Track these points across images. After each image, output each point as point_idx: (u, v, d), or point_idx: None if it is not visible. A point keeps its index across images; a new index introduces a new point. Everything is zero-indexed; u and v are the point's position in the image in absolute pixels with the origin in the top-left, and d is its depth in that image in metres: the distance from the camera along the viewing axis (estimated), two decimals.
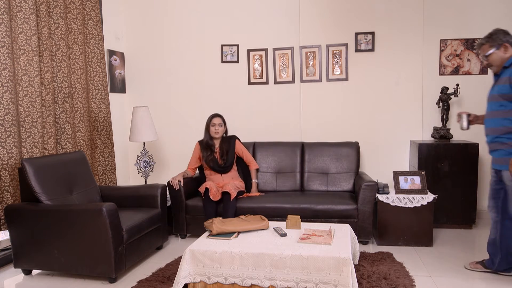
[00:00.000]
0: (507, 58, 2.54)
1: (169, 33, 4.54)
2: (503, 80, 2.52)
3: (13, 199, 3.06)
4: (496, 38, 2.56)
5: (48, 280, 2.88)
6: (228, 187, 3.46)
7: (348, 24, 4.18)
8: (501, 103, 2.52)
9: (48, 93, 3.40)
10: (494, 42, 2.57)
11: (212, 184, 3.54)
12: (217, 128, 3.74)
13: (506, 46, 2.54)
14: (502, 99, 2.51)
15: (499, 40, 2.55)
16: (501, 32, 2.57)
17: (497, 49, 2.56)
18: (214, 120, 3.75)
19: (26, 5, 3.16)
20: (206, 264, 2.36)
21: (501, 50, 2.55)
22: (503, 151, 2.52)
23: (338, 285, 2.17)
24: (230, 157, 3.75)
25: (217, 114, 3.80)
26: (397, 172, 3.50)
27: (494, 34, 2.58)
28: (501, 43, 2.55)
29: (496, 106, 2.57)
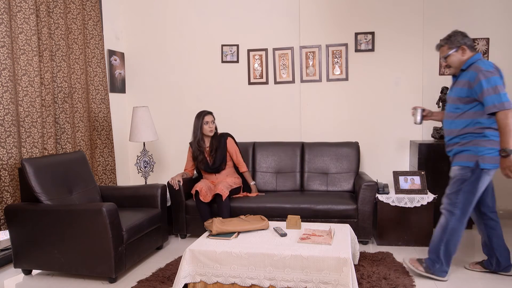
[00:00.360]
0: (464, 60, 2.59)
1: (169, 33, 4.54)
2: (461, 83, 2.58)
3: (13, 199, 3.06)
4: (454, 40, 2.61)
5: (48, 280, 2.88)
6: (219, 188, 3.42)
7: (348, 24, 4.18)
8: (457, 106, 2.59)
9: (48, 93, 3.40)
10: (452, 44, 2.61)
11: (203, 184, 3.50)
12: (211, 125, 3.65)
13: (464, 48, 2.58)
14: (459, 102, 2.58)
15: (457, 42, 2.59)
16: (459, 34, 2.62)
17: (455, 51, 2.60)
18: (207, 117, 3.65)
19: (26, 5, 3.16)
20: (206, 264, 2.36)
21: (459, 52, 2.60)
22: (456, 149, 2.63)
23: (338, 285, 2.17)
24: (219, 156, 3.67)
25: (208, 112, 3.70)
26: (397, 172, 3.50)
27: (453, 36, 2.63)
28: (459, 45, 2.59)
29: (452, 108, 2.63)
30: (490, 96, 2.39)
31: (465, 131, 2.56)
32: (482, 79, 2.42)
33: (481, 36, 4.01)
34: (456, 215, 2.59)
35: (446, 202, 2.65)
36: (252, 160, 4.09)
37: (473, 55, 2.58)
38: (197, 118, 3.70)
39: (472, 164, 2.52)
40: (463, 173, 2.57)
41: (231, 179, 3.67)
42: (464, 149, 2.57)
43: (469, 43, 2.60)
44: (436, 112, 2.94)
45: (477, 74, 2.45)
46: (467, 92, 2.51)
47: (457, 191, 2.59)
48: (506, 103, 2.36)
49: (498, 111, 2.37)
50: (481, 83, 2.42)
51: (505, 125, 2.35)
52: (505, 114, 2.35)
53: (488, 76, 2.41)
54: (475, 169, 2.52)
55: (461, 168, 2.58)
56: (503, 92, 2.39)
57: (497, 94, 2.38)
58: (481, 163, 2.50)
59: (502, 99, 2.36)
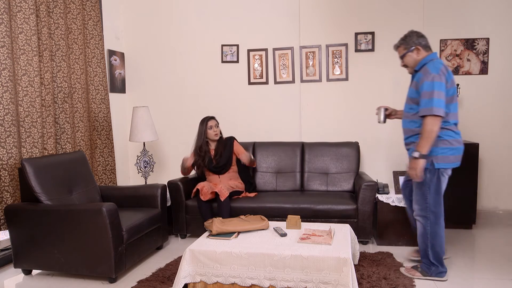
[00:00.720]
0: (419, 60, 2.63)
1: (169, 33, 4.54)
2: (413, 83, 2.63)
3: (13, 199, 3.06)
4: (409, 41, 2.65)
5: (48, 280, 2.88)
6: (219, 188, 3.43)
7: (348, 24, 4.18)
8: (411, 106, 2.64)
9: (47, 93, 3.39)
10: (408, 44, 2.66)
11: (205, 184, 3.51)
12: (215, 129, 3.72)
13: (419, 48, 2.62)
14: (411, 102, 2.63)
15: (412, 43, 2.64)
16: (414, 34, 2.66)
17: (410, 52, 2.65)
18: (210, 122, 3.71)
19: (26, 5, 3.16)
20: (206, 264, 2.36)
21: (414, 53, 2.64)
22: (411, 150, 2.63)
23: (338, 285, 2.17)
24: (224, 158, 3.71)
25: (211, 117, 3.77)
26: (397, 172, 3.50)
27: (408, 36, 2.67)
28: (413, 45, 2.63)
29: (407, 108, 2.68)
30: (424, 100, 2.45)
31: (418, 131, 2.59)
32: (424, 81, 2.48)
33: (481, 36, 4.01)
34: (431, 219, 2.61)
35: (417, 209, 2.67)
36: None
37: (427, 55, 2.62)
38: (201, 124, 3.75)
39: (428, 165, 2.55)
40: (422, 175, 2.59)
41: (233, 182, 3.69)
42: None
43: (424, 43, 2.64)
44: (400, 111, 2.95)
45: (422, 76, 2.51)
46: (416, 93, 2.56)
47: (423, 195, 2.61)
48: (435, 108, 2.40)
49: (426, 115, 2.43)
50: (422, 86, 2.48)
51: (427, 130, 2.42)
52: (431, 121, 2.41)
53: (430, 80, 2.45)
54: (432, 170, 2.56)
55: None
56: (437, 98, 2.41)
57: (430, 99, 2.42)
58: (435, 163, 2.54)
59: (433, 105, 2.40)
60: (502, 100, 4.04)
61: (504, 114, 4.05)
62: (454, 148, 2.55)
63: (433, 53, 2.64)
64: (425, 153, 2.46)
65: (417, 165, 2.48)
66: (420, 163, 2.47)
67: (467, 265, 2.94)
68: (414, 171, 2.51)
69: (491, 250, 3.28)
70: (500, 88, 4.03)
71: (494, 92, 4.04)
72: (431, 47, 2.68)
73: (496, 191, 4.13)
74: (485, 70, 4.03)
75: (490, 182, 4.11)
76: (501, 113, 4.05)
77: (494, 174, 4.10)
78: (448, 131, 2.53)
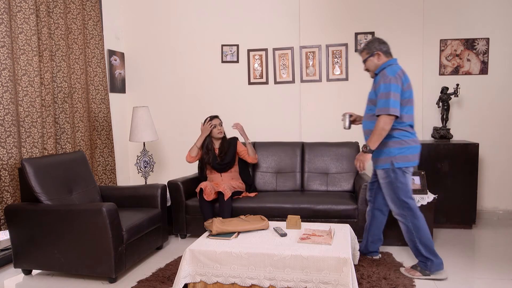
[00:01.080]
0: (379, 65, 2.77)
1: (169, 33, 4.54)
2: (373, 86, 2.78)
3: (13, 199, 3.06)
4: (371, 47, 2.79)
5: (48, 280, 2.88)
6: (222, 187, 3.46)
7: (348, 24, 4.18)
8: (370, 107, 2.79)
9: (47, 93, 3.39)
10: (370, 50, 2.79)
11: (207, 184, 3.53)
12: (219, 128, 3.74)
13: (379, 54, 2.76)
14: (371, 104, 2.78)
15: (374, 48, 2.77)
16: (376, 41, 2.80)
17: (371, 56, 2.78)
18: (213, 121, 3.74)
19: (26, 5, 3.16)
20: (206, 264, 2.36)
21: (375, 57, 2.77)
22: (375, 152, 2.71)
23: (338, 285, 2.17)
24: (229, 156, 3.74)
25: (214, 116, 3.79)
26: None
27: (370, 42, 2.81)
28: (375, 51, 2.76)
29: (367, 109, 2.83)
30: (381, 100, 2.59)
31: None
32: (381, 83, 2.62)
33: (481, 36, 4.01)
34: (408, 215, 2.70)
35: (394, 208, 2.77)
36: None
37: (387, 60, 2.76)
38: (205, 122, 3.77)
39: (388, 166, 2.69)
40: (386, 176, 2.72)
41: (235, 182, 3.70)
42: (379, 151, 2.72)
43: (385, 49, 2.77)
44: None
45: (379, 79, 2.67)
46: (375, 94, 2.71)
47: (394, 194, 2.72)
48: (391, 109, 2.54)
49: (380, 114, 2.57)
50: (380, 87, 2.62)
51: (379, 128, 2.56)
52: (384, 120, 2.55)
53: (387, 82, 2.59)
54: (393, 169, 2.68)
55: (384, 171, 2.73)
56: (393, 99, 2.55)
57: (387, 100, 2.55)
58: (395, 163, 2.67)
59: (388, 105, 2.54)
60: (502, 100, 4.04)
61: (504, 114, 4.05)
62: (412, 147, 2.68)
63: (393, 59, 2.78)
64: (373, 148, 2.62)
65: (364, 157, 2.66)
66: (367, 157, 2.66)
67: (467, 265, 2.94)
68: (361, 163, 2.68)
69: (491, 250, 3.28)
70: (500, 88, 4.03)
71: (494, 92, 4.04)
72: (391, 54, 2.83)
73: (496, 191, 4.13)
74: (485, 70, 4.03)
75: (490, 182, 4.11)
76: (501, 113, 4.05)
77: (494, 174, 4.10)
78: (403, 132, 2.67)
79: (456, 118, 4.10)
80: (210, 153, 3.74)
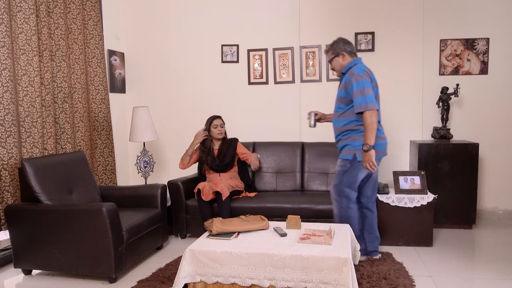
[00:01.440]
0: (344, 64, 2.88)
1: (169, 33, 4.54)
2: (341, 85, 2.86)
3: (13, 199, 3.06)
4: (336, 47, 2.89)
5: (48, 280, 2.88)
6: (220, 187, 3.45)
7: (348, 24, 4.18)
8: (339, 106, 2.89)
9: (48, 93, 3.40)
10: (335, 50, 2.89)
11: (205, 184, 3.53)
12: (220, 129, 3.75)
13: (344, 54, 2.86)
14: (340, 102, 2.88)
15: (338, 49, 2.88)
16: (341, 41, 2.90)
17: (336, 56, 2.88)
18: (215, 121, 3.75)
19: (26, 5, 3.16)
20: (206, 264, 2.36)
21: (340, 58, 2.88)
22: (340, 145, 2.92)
23: (338, 285, 2.17)
24: (228, 157, 3.75)
25: (217, 116, 3.80)
26: (397, 172, 3.50)
27: (335, 42, 2.91)
28: (339, 51, 2.87)
29: (336, 107, 2.93)
30: (358, 98, 2.69)
31: (345, 128, 2.86)
32: (353, 81, 2.71)
33: (481, 36, 4.01)
34: (343, 203, 2.88)
35: (333, 192, 2.94)
36: None
37: (352, 60, 2.87)
38: (207, 122, 3.80)
39: (350, 157, 2.81)
40: (343, 165, 2.86)
41: (233, 182, 3.71)
42: (345, 143, 2.86)
43: (349, 50, 2.87)
44: (329, 114, 3.17)
45: (350, 78, 2.75)
46: (345, 93, 2.81)
47: (340, 181, 2.88)
48: (370, 104, 2.65)
49: (364, 111, 2.67)
50: (352, 86, 2.71)
51: (368, 123, 2.65)
52: (369, 114, 2.65)
53: (358, 79, 2.70)
54: (353, 161, 2.81)
55: (342, 160, 2.87)
56: (368, 94, 2.67)
57: (364, 96, 2.66)
58: (357, 156, 2.79)
59: (367, 101, 2.65)
60: (502, 100, 4.04)
61: (504, 114, 4.05)
62: (376, 143, 2.76)
63: (358, 58, 2.89)
64: (372, 143, 2.67)
65: (370, 156, 2.69)
66: (372, 154, 2.68)
67: (467, 265, 2.94)
68: (369, 162, 2.70)
69: (491, 250, 3.28)
70: (500, 88, 4.03)
71: (494, 92, 4.04)
72: (356, 53, 2.93)
73: (496, 191, 4.13)
74: (485, 70, 4.03)
75: (490, 182, 4.11)
76: (501, 113, 4.05)
77: (494, 174, 4.10)
78: None
79: (456, 118, 4.10)
80: (209, 154, 3.74)
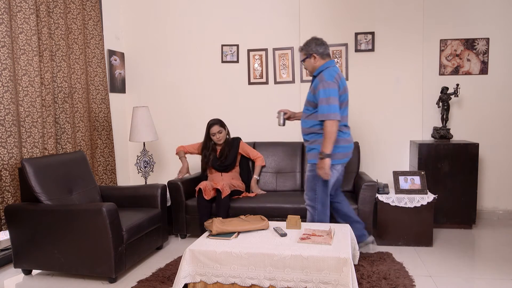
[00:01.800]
0: (316, 66, 2.86)
1: (169, 33, 4.54)
2: (311, 88, 2.87)
3: (14, 199, 3.06)
4: (308, 48, 2.86)
5: (48, 280, 2.88)
6: (221, 185, 3.47)
7: (348, 24, 4.18)
8: (307, 108, 2.90)
9: (48, 93, 3.40)
10: (306, 51, 2.87)
11: (207, 183, 3.54)
12: (218, 136, 3.75)
13: (315, 56, 2.84)
14: (308, 105, 2.89)
15: (310, 50, 2.85)
16: (313, 42, 2.86)
17: (308, 58, 2.87)
18: (212, 129, 3.75)
19: (26, 5, 3.16)
20: (206, 264, 2.36)
21: (311, 59, 2.86)
22: (307, 148, 2.92)
23: (338, 285, 2.17)
24: (230, 157, 3.76)
25: (214, 123, 3.77)
26: (397, 172, 3.50)
27: (308, 43, 2.88)
28: (311, 52, 2.84)
29: (304, 109, 2.94)
30: (322, 106, 2.71)
31: (311, 130, 2.87)
32: (320, 88, 2.71)
33: (481, 36, 4.01)
34: (318, 209, 2.88)
35: (307, 199, 2.94)
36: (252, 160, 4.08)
37: (324, 62, 2.84)
38: (207, 128, 3.81)
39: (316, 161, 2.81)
40: (313, 169, 2.85)
41: (235, 182, 3.72)
42: (312, 147, 2.87)
43: (321, 51, 2.83)
44: (298, 113, 3.17)
45: (318, 83, 2.75)
46: (313, 97, 2.82)
47: (313, 188, 2.88)
48: (332, 114, 2.67)
49: (325, 120, 2.69)
50: (319, 92, 2.72)
51: (327, 133, 2.68)
52: (330, 123, 2.67)
53: (326, 87, 2.69)
54: None
55: (312, 165, 2.88)
56: (333, 104, 2.68)
57: (328, 105, 2.68)
58: None
59: (330, 110, 2.67)
60: (502, 100, 4.04)
61: (504, 114, 4.05)
62: (342, 146, 2.82)
63: (331, 61, 2.85)
64: (328, 152, 2.69)
65: (324, 164, 2.71)
66: (326, 162, 2.70)
67: (467, 265, 2.94)
68: (323, 170, 2.72)
69: (491, 250, 3.28)
70: (500, 88, 4.03)
71: (494, 92, 4.04)
72: (330, 55, 2.88)
73: (496, 191, 4.13)
74: (485, 70, 4.03)
75: (490, 182, 4.11)
76: (501, 113, 4.05)
77: (494, 174, 4.10)
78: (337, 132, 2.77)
79: (456, 118, 4.10)
80: (211, 154, 3.75)
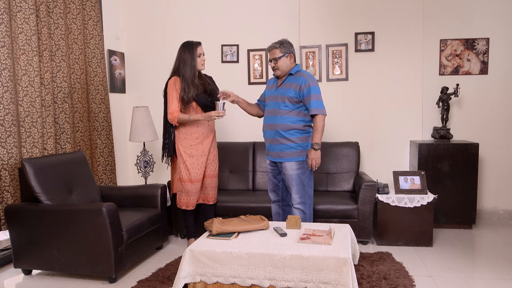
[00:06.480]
0: (292, 67, 3.02)
1: (169, 33, 4.54)
2: (292, 85, 2.96)
3: (13, 199, 3.06)
4: (286, 47, 3.00)
5: (48, 280, 2.88)
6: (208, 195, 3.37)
7: (348, 24, 4.18)
8: (286, 104, 2.97)
9: (47, 93, 3.39)
10: (284, 49, 2.99)
11: (188, 189, 3.27)
12: (203, 57, 3.19)
13: (292, 56, 3.02)
14: (287, 101, 2.96)
15: (288, 49, 3.00)
16: (288, 43, 3.03)
17: (285, 57, 2.99)
18: (199, 49, 3.17)
19: (26, 5, 3.16)
20: (206, 264, 2.36)
21: (288, 58, 3.00)
22: (284, 145, 2.98)
23: (338, 285, 2.17)
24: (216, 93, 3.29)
25: (197, 42, 3.22)
26: (397, 172, 3.50)
27: (285, 42, 3.02)
28: (289, 52, 3.00)
29: (282, 105, 2.98)
30: (315, 101, 2.91)
31: (292, 127, 2.96)
32: (311, 85, 2.91)
33: (481, 36, 4.01)
34: (308, 203, 3.04)
35: (297, 197, 3.02)
36: (252, 160, 4.08)
37: (296, 64, 3.06)
38: (187, 48, 3.16)
39: (303, 158, 2.97)
40: (300, 167, 2.97)
41: (216, 160, 3.43)
42: (294, 145, 2.96)
43: (294, 53, 3.05)
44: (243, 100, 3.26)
45: (307, 81, 2.92)
46: (297, 93, 2.93)
47: (302, 184, 3.00)
48: (323, 109, 2.93)
49: (318, 114, 2.90)
50: (310, 89, 2.90)
51: (320, 126, 2.91)
52: (322, 118, 2.92)
53: (315, 85, 2.94)
54: (307, 162, 2.96)
55: (297, 163, 2.97)
56: (322, 101, 2.95)
57: (320, 101, 2.93)
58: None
59: (323, 106, 2.93)
60: (502, 100, 4.04)
61: (504, 114, 4.05)
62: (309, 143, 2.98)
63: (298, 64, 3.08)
64: (320, 142, 2.91)
65: (318, 155, 2.92)
66: (319, 154, 2.92)
67: (467, 265, 2.94)
68: (314, 160, 2.91)
69: (491, 250, 3.28)
70: (500, 88, 4.03)
71: (494, 92, 4.04)
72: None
73: (496, 191, 4.13)
74: (485, 70, 4.03)
75: (490, 182, 4.11)
76: (501, 113, 4.05)
77: (494, 174, 4.10)
78: None
79: (456, 118, 4.10)
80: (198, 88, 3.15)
